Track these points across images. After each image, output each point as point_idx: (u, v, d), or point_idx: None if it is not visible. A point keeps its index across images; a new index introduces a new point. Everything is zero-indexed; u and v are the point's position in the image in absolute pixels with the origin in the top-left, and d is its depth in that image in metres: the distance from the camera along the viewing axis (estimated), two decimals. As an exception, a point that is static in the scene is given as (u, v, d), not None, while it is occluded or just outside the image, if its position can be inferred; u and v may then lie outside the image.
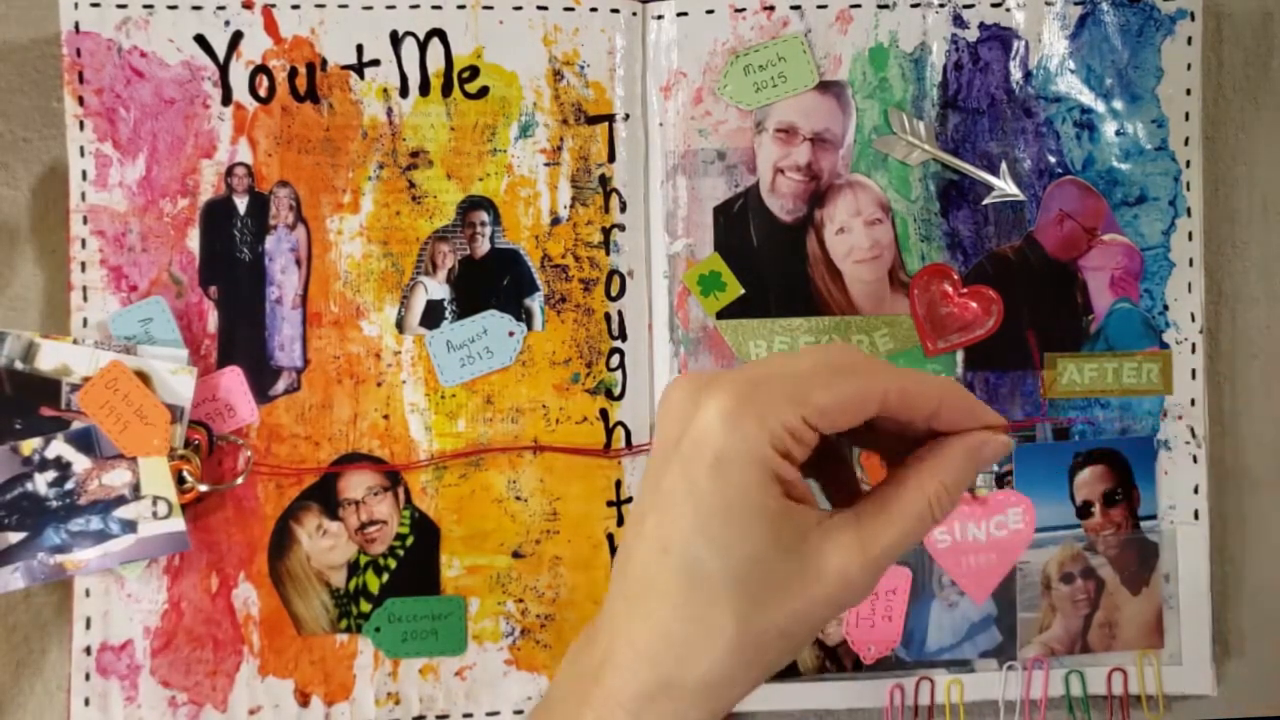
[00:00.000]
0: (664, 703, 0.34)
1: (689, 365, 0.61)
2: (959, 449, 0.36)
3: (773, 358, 0.36)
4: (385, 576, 0.60)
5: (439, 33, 0.60)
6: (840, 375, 0.34)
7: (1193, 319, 0.62)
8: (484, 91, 0.61)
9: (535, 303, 0.61)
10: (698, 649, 0.33)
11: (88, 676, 0.58)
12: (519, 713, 0.60)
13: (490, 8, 0.60)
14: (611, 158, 0.61)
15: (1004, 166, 0.62)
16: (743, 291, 0.61)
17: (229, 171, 0.59)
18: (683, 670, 0.33)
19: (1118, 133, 0.62)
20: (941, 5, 0.61)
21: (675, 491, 0.34)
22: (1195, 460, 0.62)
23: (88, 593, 0.58)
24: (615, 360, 0.61)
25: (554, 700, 0.37)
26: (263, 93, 0.60)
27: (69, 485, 0.57)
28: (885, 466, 0.39)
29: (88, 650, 0.58)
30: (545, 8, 0.61)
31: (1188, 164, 0.62)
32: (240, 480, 0.59)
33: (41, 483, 0.57)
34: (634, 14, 0.61)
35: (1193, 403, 0.62)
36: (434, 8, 0.60)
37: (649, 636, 0.34)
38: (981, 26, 0.62)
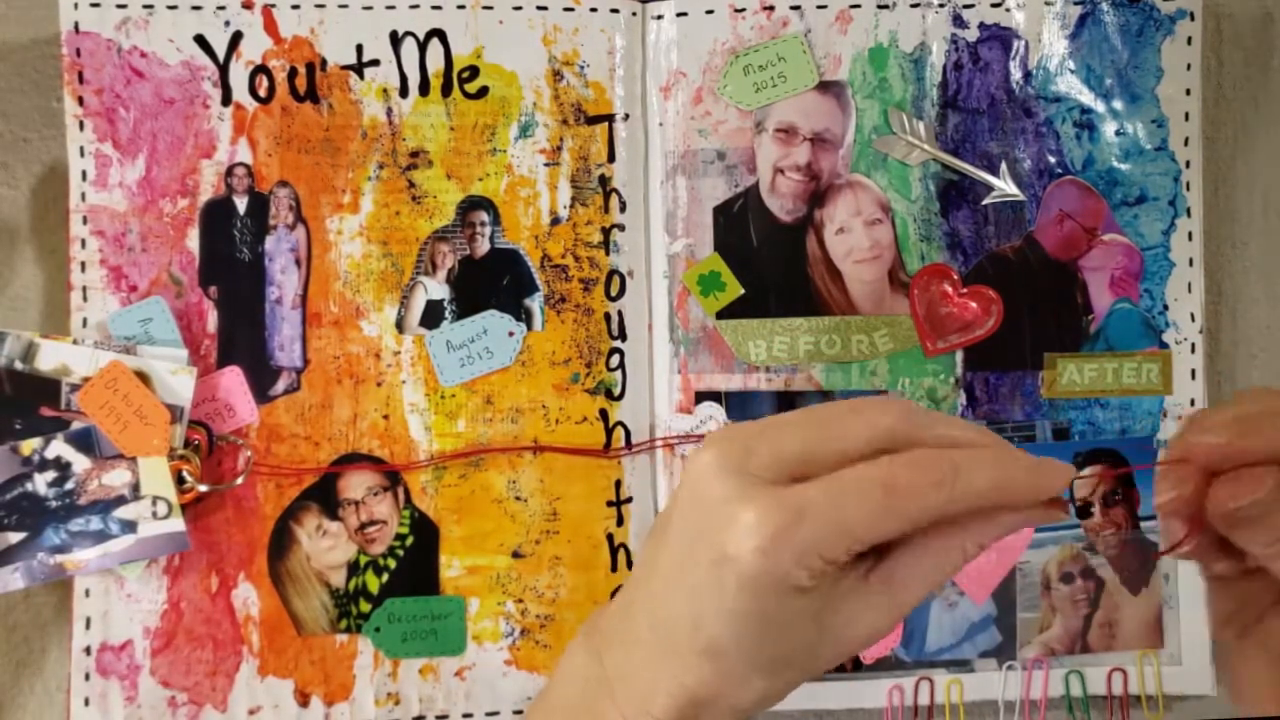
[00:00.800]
0: (695, 712, 0.36)
1: (689, 365, 0.61)
2: (1008, 520, 0.34)
3: (808, 423, 0.34)
4: (385, 576, 0.60)
5: (439, 33, 0.60)
6: (891, 505, 0.32)
7: (1193, 319, 0.62)
8: (484, 91, 0.61)
9: (535, 303, 0.61)
10: (728, 698, 0.35)
11: (87, 676, 0.58)
12: (519, 713, 0.60)
13: (490, 8, 0.60)
14: (611, 158, 0.61)
15: (1004, 166, 0.62)
16: (742, 291, 0.61)
17: (229, 171, 0.59)
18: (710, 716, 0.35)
19: (1118, 133, 0.62)
20: (941, 5, 0.61)
21: (706, 586, 0.33)
22: (1195, 460, 0.62)
23: (88, 593, 0.58)
24: (615, 360, 0.61)
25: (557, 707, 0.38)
26: (262, 93, 0.60)
27: (69, 485, 0.57)
28: None
29: (87, 650, 0.58)
30: (545, 8, 0.61)
31: (1188, 164, 0.62)
32: (240, 480, 0.59)
33: (41, 483, 0.57)
34: (634, 14, 0.61)
35: (1193, 403, 0.62)
36: (434, 8, 0.60)
37: (680, 689, 0.35)
38: (981, 26, 0.62)
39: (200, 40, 0.59)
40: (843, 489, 0.32)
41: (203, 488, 0.58)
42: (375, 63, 0.60)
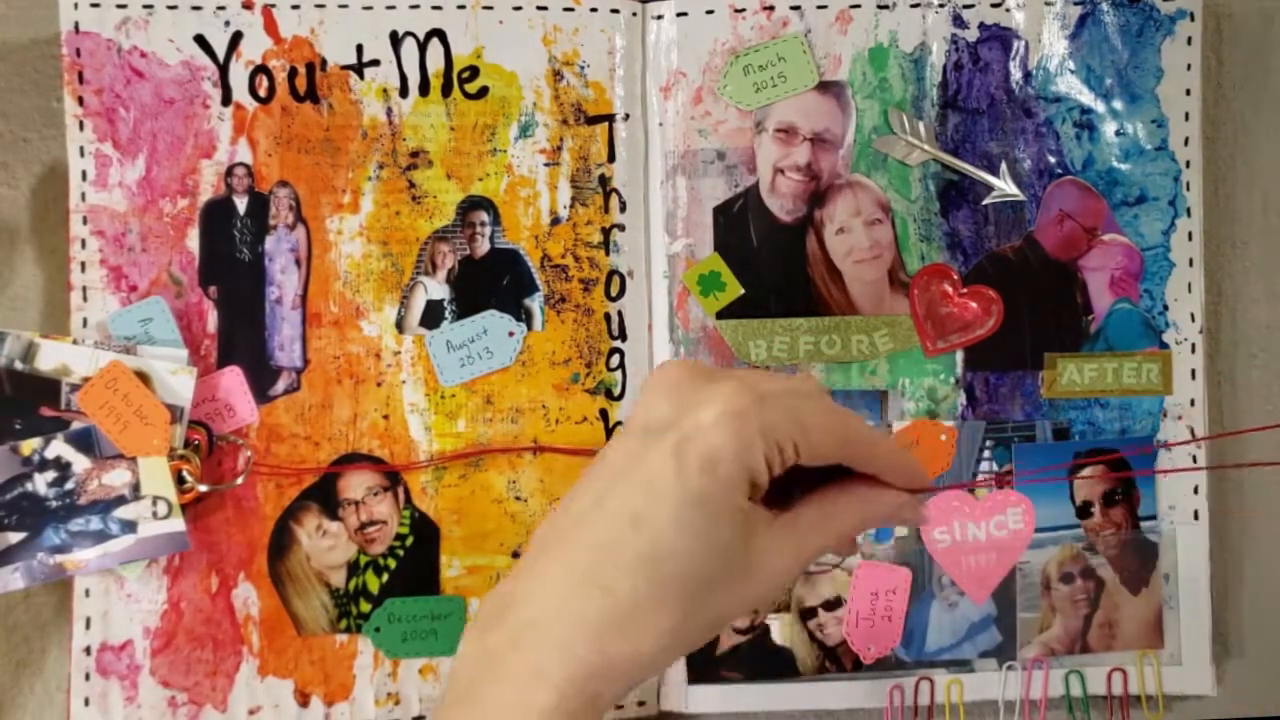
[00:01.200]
0: (595, 683, 0.33)
1: (689, 365, 0.61)
2: (894, 498, 0.38)
3: (771, 376, 0.38)
4: (385, 576, 0.60)
5: (439, 33, 0.60)
6: (834, 414, 0.37)
7: (1193, 319, 0.62)
8: (484, 91, 0.61)
9: (535, 303, 0.61)
10: (642, 632, 0.34)
11: (88, 676, 0.58)
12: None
13: (490, 8, 0.60)
14: (611, 158, 0.61)
15: (1004, 166, 0.62)
16: (742, 291, 0.61)
17: (229, 171, 0.59)
18: (621, 651, 0.34)
19: (1118, 133, 0.62)
20: (941, 5, 0.61)
21: (662, 474, 0.34)
22: (1195, 460, 0.62)
23: (88, 593, 0.58)
24: (615, 360, 0.61)
25: (461, 679, 0.35)
26: (262, 93, 0.60)
27: (69, 485, 0.57)
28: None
29: (87, 650, 0.58)
30: (545, 8, 0.61)
31: (1188, 164, 0.62)
32: (240, 480, 0.59)
33: (41, 483, 0.57)
34: (634, 14, 0.61)
35: (1192, 403, 0.62)
36: (434, 8, 0.60)
37: (598, 613, 0.34)
38: (981, 26, 0.62)
39: (200, 40, 0.59)
40: (788, 383, 0.37)
41: (203, 488, 0.58)
42: (375, 63, 0.60)
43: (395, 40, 0.60)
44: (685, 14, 0.61)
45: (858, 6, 0.61)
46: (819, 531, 0.37)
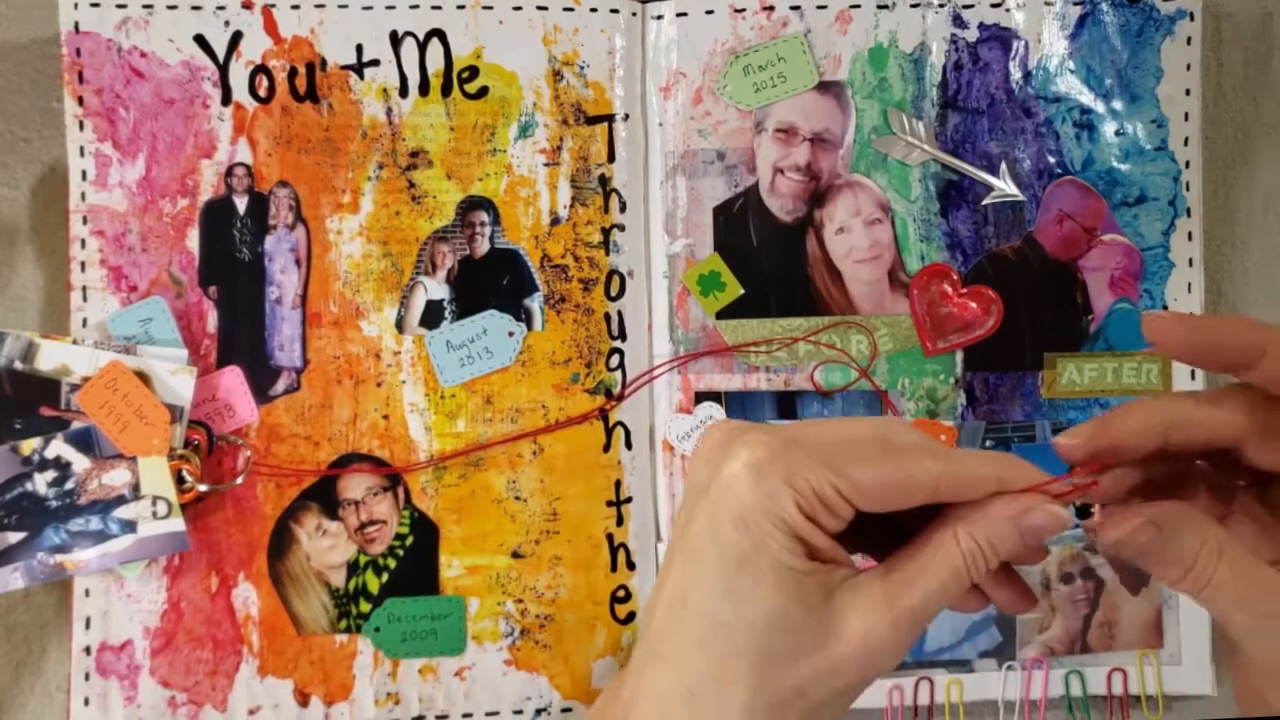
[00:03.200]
0: None
1: (689, 365, 0.61)
2: (1000, 507, 0.33)
3: (823, 421, 0.35)
4: (385, 576, 0.60)
5: (439, 33, 0.60)
6: (888, 456, 0.33)
7: (1192, 319, 0.62)
8: (484, 91, 0.61)
9: (535, 303, 0.61)
10: (712, 705, 0.32)
11: (87, 676, 0.58)
12: (518, 713, 0.60)
13: (490, 8, 0.60)
14: (611, 158, 0.61)
15: (1004, 166, 0.62)
16: (742, 291, 0.61)
17: (229, 171, 0.59)
18: None
19: (1117, 133, 0.62)
20: (941, 5, 0.61)
21: (699, 540, 0.33)
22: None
23: (87, 593, 0.58)
24: (615, 360, 0.61)
25: None
26: (262, 93, 0.60)
27: (69, 485, 0.57)
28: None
29: (87, 650, 0.58)
30: (545, 8, 0.61)
31: (1187, 164, 0.62)
32: (240, 480, 0.59)
33: (41, 483, 0.57)
34: (634, 14, 0.61)
35: (1192, 403, 0.62)
36: (434, 8, 0.60)
37: (667, 690, 0.33)
38: (981, 27, 0.62)
39: (200, 40, 0.59)
40: (845, 428, 0.34)
41: (203, 488, 0.58)
42: (375, 63, 0.60)
43: (395, 40, 0.60)
44: (685, 14, 0.61)
45: (858, 6, 0.61)
46: (917, 576, 0.33)
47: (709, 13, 0.61)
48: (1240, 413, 0.34)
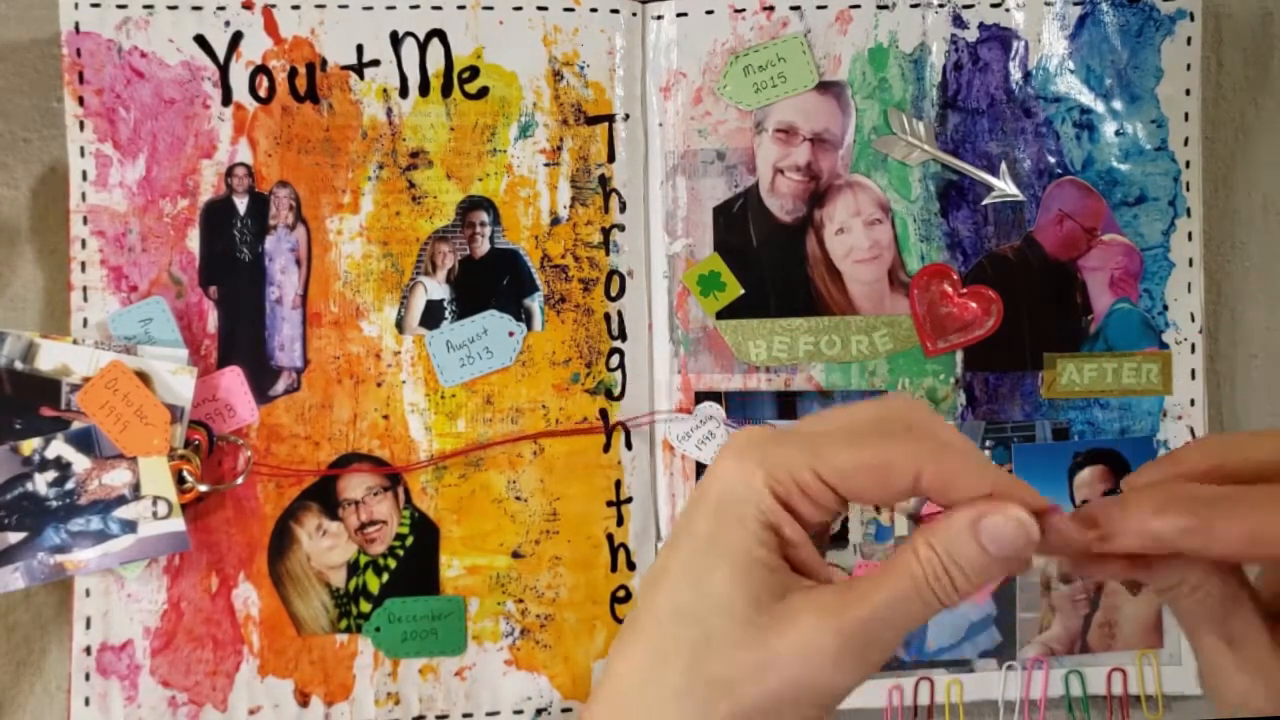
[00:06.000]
0: None
1: (689, 365, 0.61)
2: (959, 513, 0.30)
3: (835, 410, 0.34)
4: (385, 576, 0.60)
5: (439, 33, 0.60)
6: (875, 438, 0.31)
7: (1192, 319, 0.62)
8: (484, 92, 0.61)
9: (535, 303, 0.61)
10: (654, 686, 0.31)
11: (88, 676, 0.58)
12: (519, 713, 0.60)
13: (490, 8, 0.60)
14: (611, 158, 0.61)
15: (1004, 167, 0.62)
16: (742, 291, 0.61)
17: (229, 172, 0.59)
18: (629, 713, 0.31)
19: (1117, 133, 0.62)
20: (941, 5, 0.61)
21: (680, 524, 0.33)
22: (1195, 460, 0.62)
23: (88, 593, 0.58)
24: (615, 360, 0.61)
25: None
26: (263, 93, 0.60)
27: (69, 485, 0.57)
28: None
29: (88, 650, 0.58)
30: (545, 8, 0.61)
31: (1187, 164, 0.62)
32: (240, 480, 0.59)
33: (41, 483, 0.57)
34: (634, 14, 0.61)
35: (1192, 403, 0.62)
36: (434, 8, 0.60)
37: (627, 669, 0.32)
38: (981, 27, 0.62)
39: (200, 40, 0.59)
40: (845, 415, 0.33)
41: (203, 488, 0.58)
42: (375, 63, 0.60)
43: (395, 40, 0.60)
44: (685, 14, 0.61)
45: (857, 6, 0.61)
46: (874, 587, 0.30)
47: (709, 13, 0.61)
48: None
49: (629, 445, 0.61)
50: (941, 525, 0.31)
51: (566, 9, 0.61)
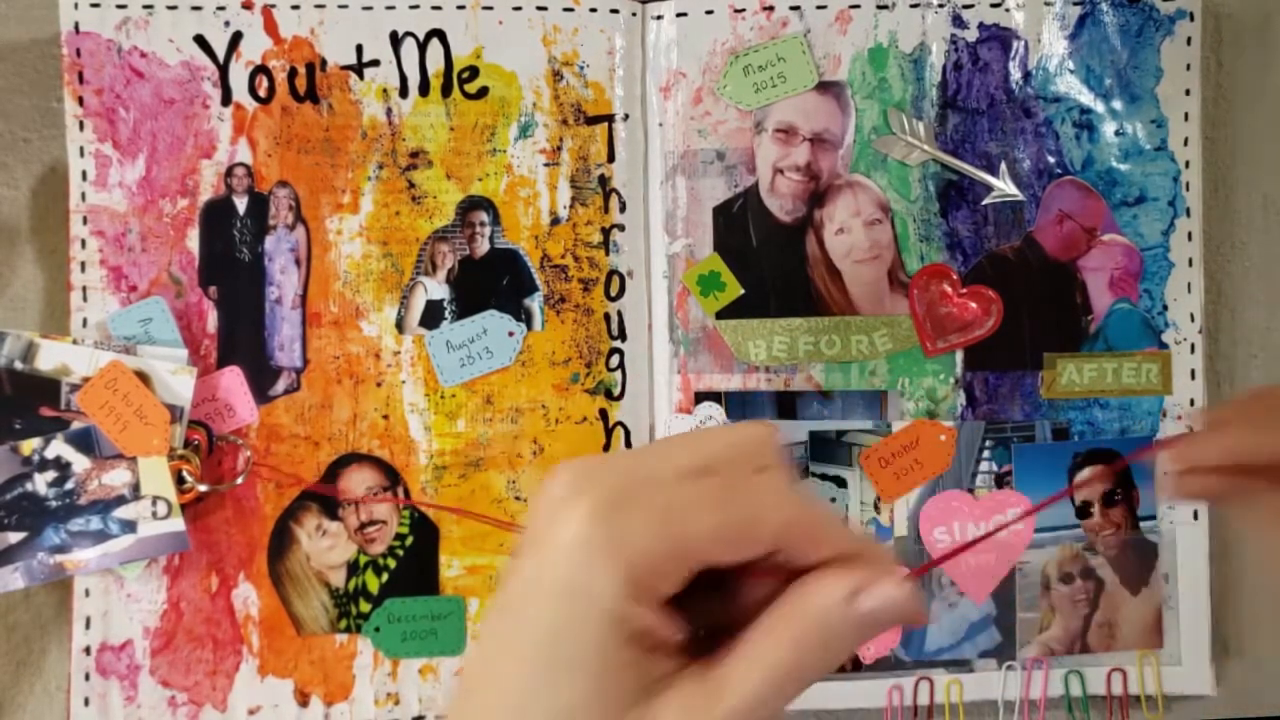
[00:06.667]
0: None
1: (689, 365, 0.61)
2: (837, 587, 0.27)
3: (675, 442, 0.29)
4: (385, 576, 0.60)
5: (439, 33, 0.60)
6: (734, 492, 0.27)
7: (1192, 319, 0.62)
8: (483, 92, 0.61)
9: (535, 303, 0.61)
10: None
11: (87, 676, 0.58)
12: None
13: (490, 8, 0.60)
14: (611, 158, 0.61)
15: (1003, 167, 0.62)
16: (742, 291, 0.61)
17: (229, 172, 0.59)
18: None
19: (1117, 133, 0.62)
20: (941, 5, 0.61)
21: (521, 600, 0.27)
22: (1195, 460, 0.62)
23: (87, 593, 0.58)
24: (615, 360, 0.61)
25: None
26: (262, 93, 0.60)
27: (69, 485, 0.57)
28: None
29: (87, 650, 0.58)
30: (545, 8, 0.61)
31: (1187, 164, 0.62)
32: (240, 480, 0.59)
33: (41, 483, 0.57)
34: (633, 14, 0.61)
35: (1192, 403, 0.62)
36: (434, 8, 0.60)
37: None
38: (981, 27, 0.62)
39: (200, 40, 0.59)
40: (686, 455, 0.28)
41: (203, 488, 0.58)
42: (375, 63, 0.60)
43: (395, 40, 0.60)
44: (685, 14, 0.61)
45: (857, 6, 0.61)
46: (738, 671, 0.27)
47: (709, 13, 0.61)
48: None
49: (629, 445, 0.61)
50: (813, 594, 0.27)
51: (566, 9, 0.61)
